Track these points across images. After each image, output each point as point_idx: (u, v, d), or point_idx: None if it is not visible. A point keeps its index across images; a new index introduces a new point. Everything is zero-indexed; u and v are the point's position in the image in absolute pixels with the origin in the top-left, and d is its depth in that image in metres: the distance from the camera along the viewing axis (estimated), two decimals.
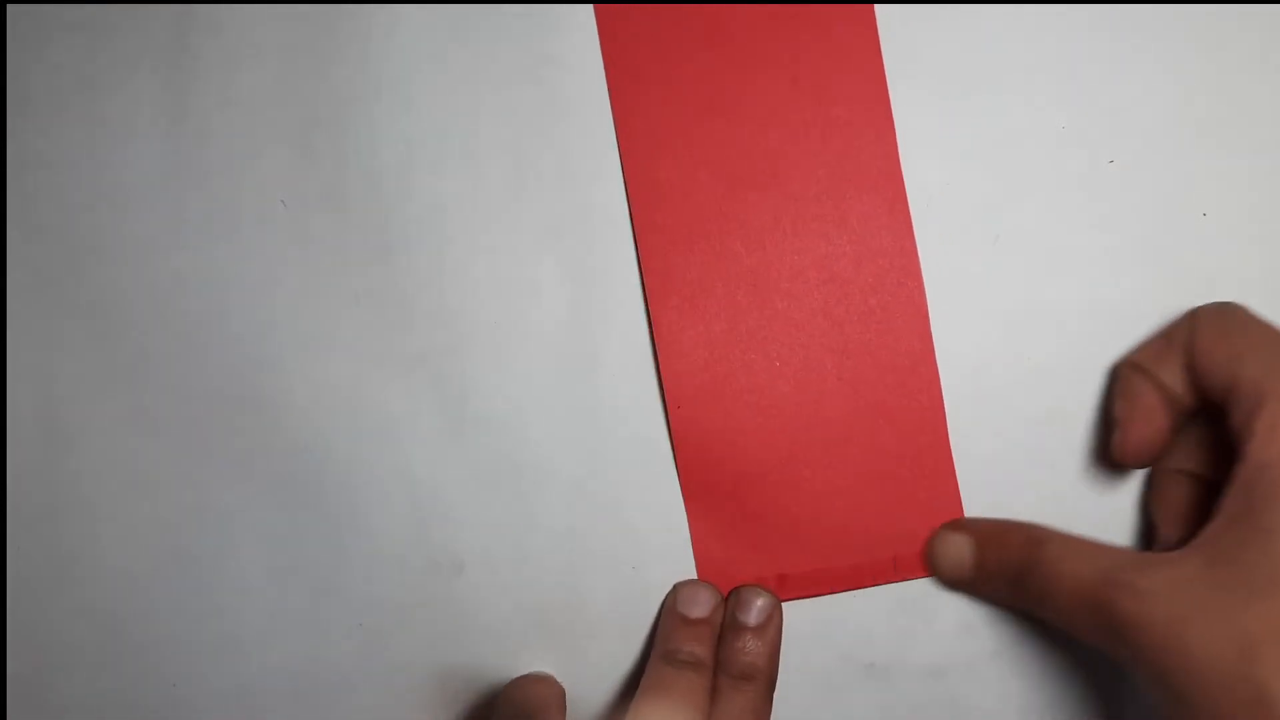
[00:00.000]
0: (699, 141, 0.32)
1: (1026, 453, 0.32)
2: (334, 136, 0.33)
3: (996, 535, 0.30)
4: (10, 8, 0.33)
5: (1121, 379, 0.31)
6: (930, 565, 0.32)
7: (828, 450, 0.32)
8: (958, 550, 0.31)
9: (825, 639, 0.32)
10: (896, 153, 0.32)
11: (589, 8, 0.32)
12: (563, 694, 0.32)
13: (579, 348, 0.32)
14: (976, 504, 0.32)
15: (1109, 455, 0.30)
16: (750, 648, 0.31)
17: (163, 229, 0.33)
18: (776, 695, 0.32)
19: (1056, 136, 0.32)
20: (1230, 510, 0.26)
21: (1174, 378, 0.29)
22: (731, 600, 0.32)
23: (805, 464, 0.32)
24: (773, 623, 0.31)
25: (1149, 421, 0.29)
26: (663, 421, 0.32)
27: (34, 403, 0.34)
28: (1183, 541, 0.28)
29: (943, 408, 0.32)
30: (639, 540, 0.32)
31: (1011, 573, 0.29)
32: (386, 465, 0.33)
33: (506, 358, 0.32)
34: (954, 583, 0.32)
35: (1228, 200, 0.31)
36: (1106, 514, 0.32)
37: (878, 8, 0.32)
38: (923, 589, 0.32)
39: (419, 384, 0.33)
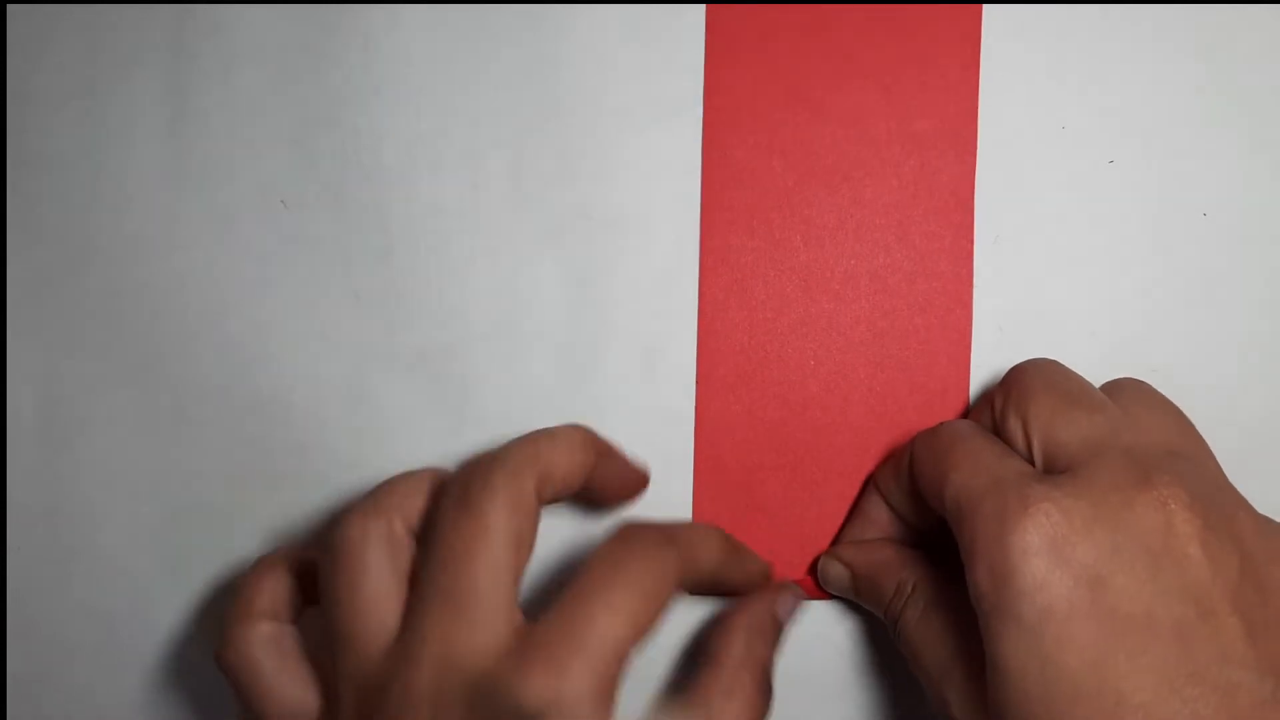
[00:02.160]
0: (780, 131, 0.32)
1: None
2: (334, 136, 0.33)
3: (869, 574, 0.30)
4: (10, 8, 0.33)
5: (861, 493, 0.31)
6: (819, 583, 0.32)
7: (844, 458, 0.32)
8: (837, 578, 0.31)
9: (825, 639, 0.32)
10: (973, 180, 0.32)
11: (579, 8, 0.32)
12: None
13: (579, 347, 0.32)
14: None
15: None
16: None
17: (163, 229, 0.33)
18: (775, 695, 0.32)
19: (1056, 136, 0.32)
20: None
21: (901, 503, 0.30)
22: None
23: (820, 467, 0.32)
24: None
25: (874, 535, 0.31)
26: (664, 421, 0.32)
27: (34, 403, 0.34)
28: None
29: None
30: None
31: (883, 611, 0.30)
32: (387, 465, 0.33)
33: (506, 358, 0.32)
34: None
35: (1228, 200, 0.31)
36: None
37: (985, 10, 0.31)
38: None
39: (419, 384, 0.33)
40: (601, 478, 0.29)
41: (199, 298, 0.33)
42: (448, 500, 0.26)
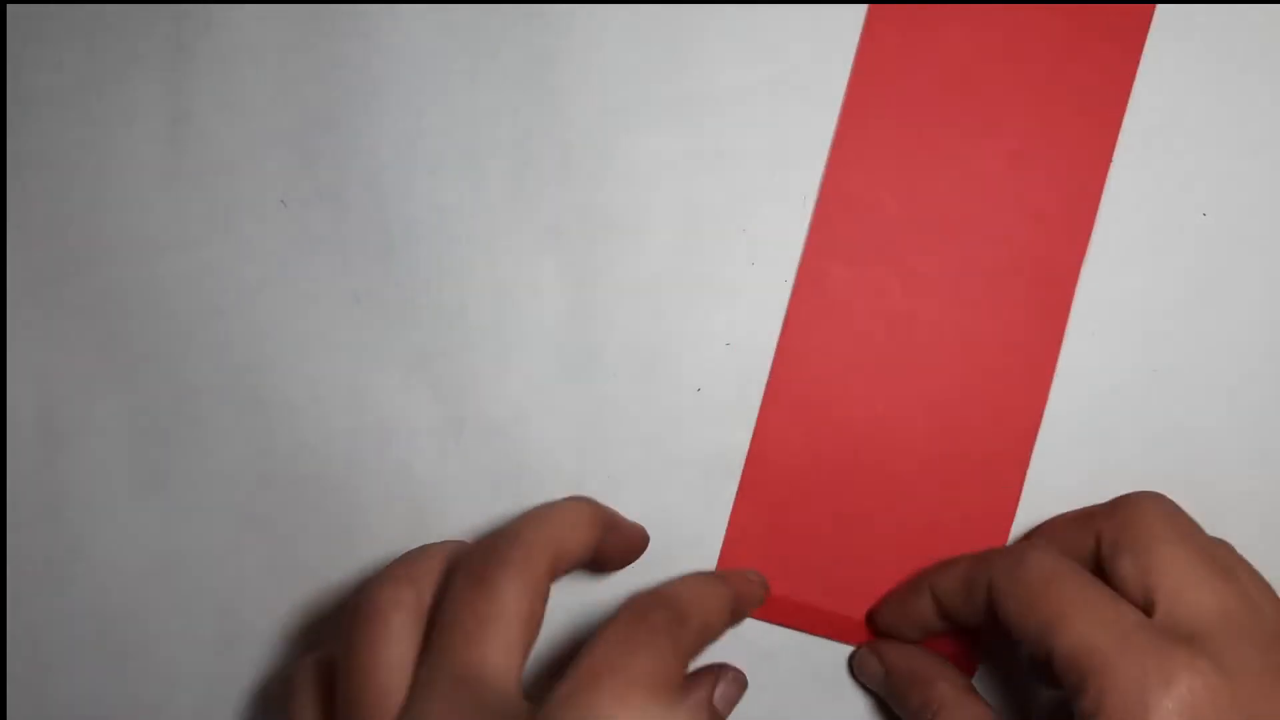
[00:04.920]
0: (900, 169, 0.31)
1: (1033, 459, 0.32)
2: (334, 136, 0.33)
3: (903, 681, 0.30)
4: (10, 8, 0.34)
5: (911, 585, 0.30)
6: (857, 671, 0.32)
7: (889, 504, 0.31)
8: (873, 673, 0.31)
9: (824, 640, 0.32)
10: (1079, 266, 0.31)
11: (578, 8, 0.32)
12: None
13: (579, 347, 0.32)
14: None
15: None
16: None
17: (163, 229, 0.33)
18: (776, 695, 0.32)
19: None
20: None
21: (973, 615, 0.28)
22: None
23: (863, 508, 0.32)
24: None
25: (912, 629, 0.30)
26: (663, 420, 0.32)
27: (34, 403, 0.34)
28: None
29: (1012, 516, 0.31)
30: None
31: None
32: (386, 465, 0.33)
33: (506, 358, 0.33)
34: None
35: (1228, 200, 0.31)
36: None
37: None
38: None
39: (419, 384, 0.33)
40: (605, 548, 0.28)
41: (199, 298, 0.33)
42: (462, 577, 0.25)
